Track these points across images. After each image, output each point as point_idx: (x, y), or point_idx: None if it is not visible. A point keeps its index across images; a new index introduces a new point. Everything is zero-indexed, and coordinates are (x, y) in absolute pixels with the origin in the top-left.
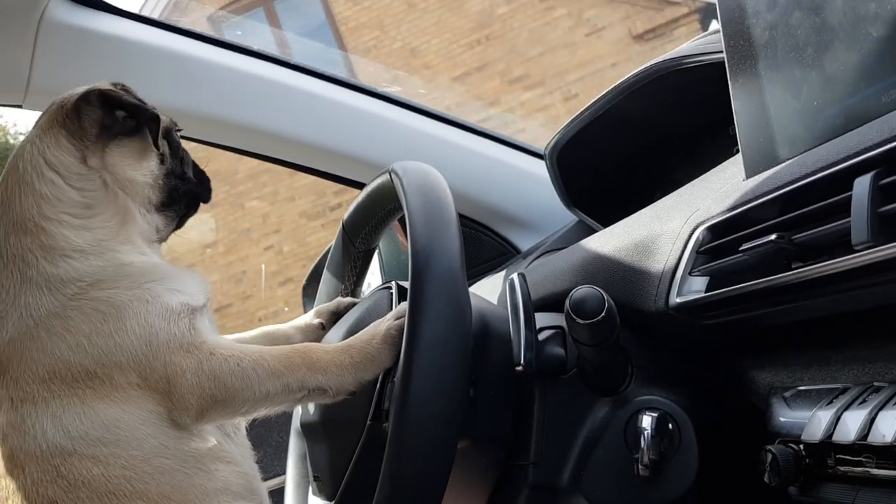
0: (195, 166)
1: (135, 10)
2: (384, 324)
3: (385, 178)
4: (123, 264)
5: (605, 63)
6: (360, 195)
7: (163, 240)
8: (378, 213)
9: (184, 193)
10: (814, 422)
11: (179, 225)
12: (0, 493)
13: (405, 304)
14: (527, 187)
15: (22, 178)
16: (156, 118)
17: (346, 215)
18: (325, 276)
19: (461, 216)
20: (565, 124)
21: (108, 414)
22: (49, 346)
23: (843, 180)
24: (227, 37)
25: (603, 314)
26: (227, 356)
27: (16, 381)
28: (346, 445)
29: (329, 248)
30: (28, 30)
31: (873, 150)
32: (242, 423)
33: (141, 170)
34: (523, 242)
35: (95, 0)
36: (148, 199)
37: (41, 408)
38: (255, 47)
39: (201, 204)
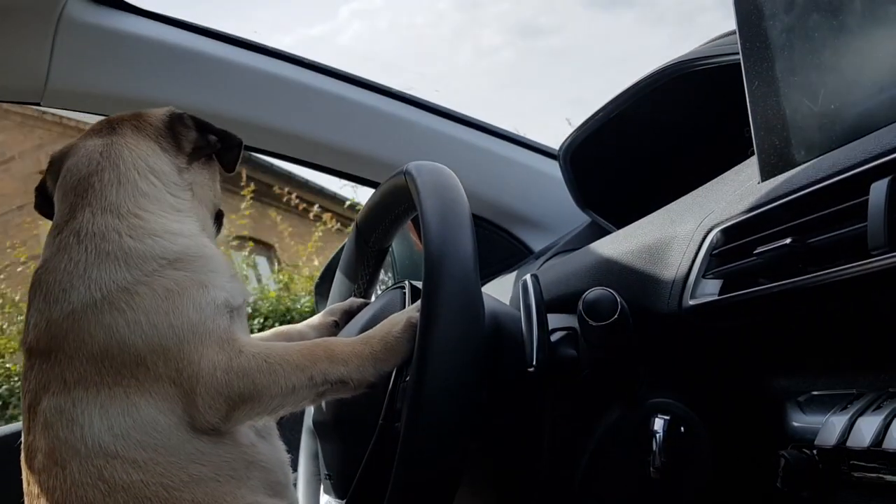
0: None
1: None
2: (405, 315)
3: (399, 178)
4: (205, 246)
5: (10, 205)
6: (374, 194)
7: None
8: (392, 213)
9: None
10: (828, 427)
11: None
12: None
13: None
14: (540, 187)
15: (124, 175)
16: (241, 144)
17: (359, 215)
18: (338, 276)
19: (474, 216)
20: (579, 125)
21: (148, 414)
22: (108, 321)
23: (860, 184)
24: None
25: (615, 316)
26: (255, 353)
27: (70, 359)
28: (358, 445)
29: (342, 248)
30: (47, 28)
31: (890, 154)
32: (274, 426)
33: (214, 190)
34: (536, 243)
35: None
36: (212, 214)
37: (92, 393)
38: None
39: None
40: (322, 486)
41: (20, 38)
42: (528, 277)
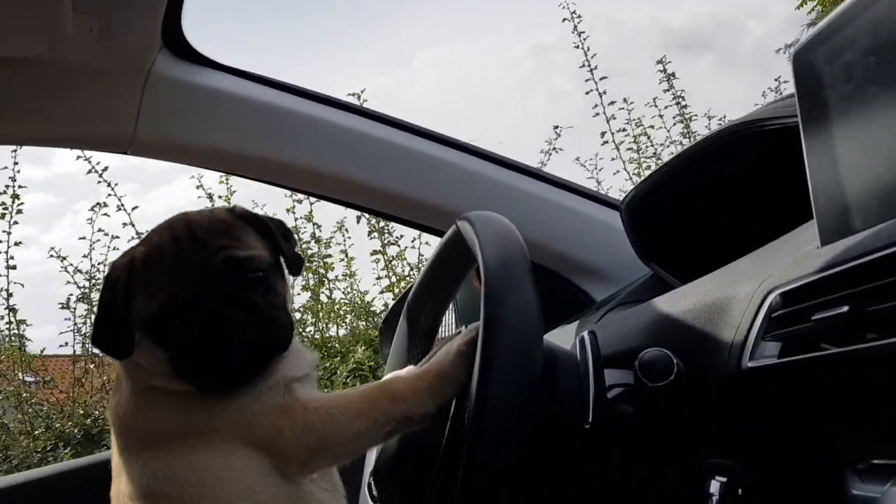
0: (249, 327)
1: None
2: (454, 345)
3: (452, 233)
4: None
5: None
6: (422, 273)
7: None
8: (442, 283)
9: (203, 369)
10: (887, 498)
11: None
12: None
13: (475, 324)
14: (603, 238)
15: None
16: (119, 322)
17: (410, 296)
18: (391, 358)
19: (537, 265)
20: (642, 180)
21: (197, 458)
22: (144, 412)
23: None
24: None
25: (671, 377)
26: (318, 407)
27: (120, 435)
28: (419, 493)
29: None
30: (136, 84)
31: None
32: (334, 469)
33: (143, 355)
34: (598, 293)
35: (199, 56)
36: (167, 377)
37: (133, 456)
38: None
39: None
40: None
41: (111, 92)
42: (585, 334)
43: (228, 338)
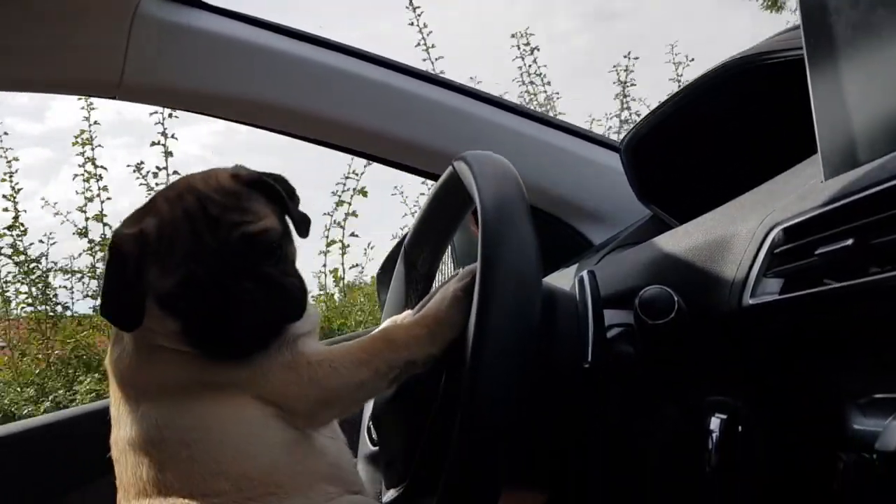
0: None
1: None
2: (450, 288)
3: (449, 174)
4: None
5: None
6: (419, 216)
7: None
8: (438, 226)
9: (217, 341)
10: (888, 431)
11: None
12: None
13: (469, 267)
14: (602, 180)
15: None
16: (130, 295)
17: (406, 240)
18: (388, 304)
19: (534, 208)
20: (642, 118)
21: (202, 408)
22: (150, 366)
23: None
24: None
25: (672, 315)
26: (320, 360)
27: (116, 388)
28: (417, 435)
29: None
30: (122, 24)
31: None
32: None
33: (152, 322)
34: (597, 236)
35: None
36: (177, 341)
37: (133, 405)
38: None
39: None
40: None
41: (96, 33)
42: (584, 273)
43: (245, 312)
